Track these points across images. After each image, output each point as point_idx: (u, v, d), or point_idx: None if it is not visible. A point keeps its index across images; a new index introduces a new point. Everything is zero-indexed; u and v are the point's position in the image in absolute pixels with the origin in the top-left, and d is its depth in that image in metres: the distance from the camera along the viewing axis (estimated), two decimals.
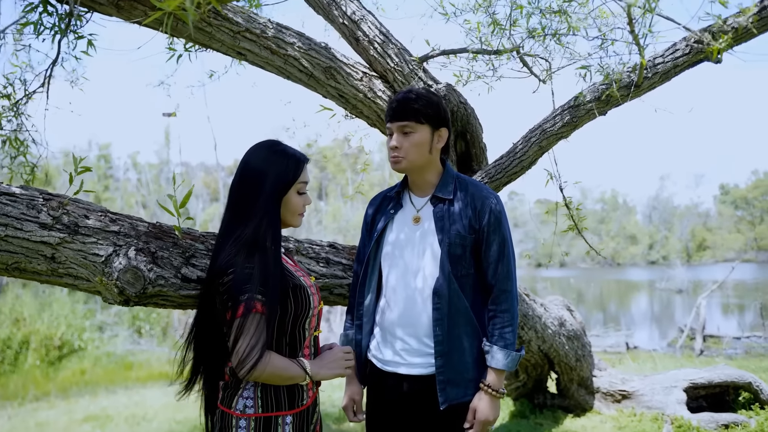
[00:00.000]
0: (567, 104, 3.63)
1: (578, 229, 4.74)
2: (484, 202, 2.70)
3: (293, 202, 2.49)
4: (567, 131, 3.65)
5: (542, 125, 3.74)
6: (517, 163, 3.83)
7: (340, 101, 4.47)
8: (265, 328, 2.20)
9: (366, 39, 4.42)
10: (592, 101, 3.49)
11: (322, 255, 3.66)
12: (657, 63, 3.43)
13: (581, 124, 3.59)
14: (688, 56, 3.37)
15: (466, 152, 4.72)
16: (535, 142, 3.74)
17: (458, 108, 4.39)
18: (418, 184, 2.79)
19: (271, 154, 2.51)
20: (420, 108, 2.68)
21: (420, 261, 2.70)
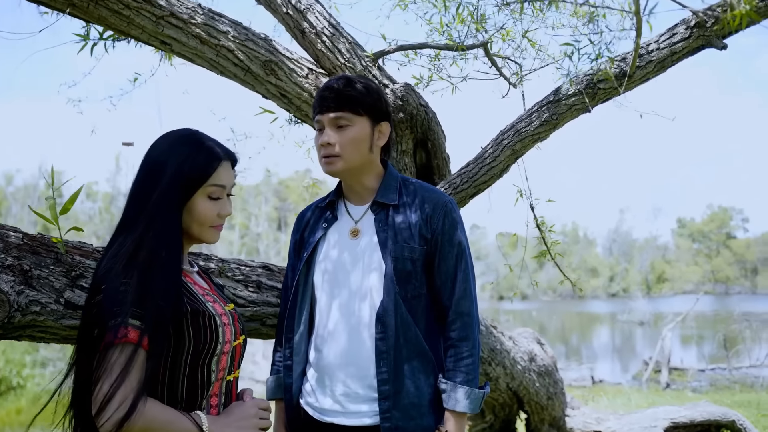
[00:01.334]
0: (546, 99, 3.09)
1: (551, 255, 4.21)
2: (436, 205, 2.30)
3: (201, 208, 1.94)
4: (545, 131, 3.10)
5: (516, 125, 3.19)
6: (487, 170, 3.27)
7: (282, 101, 3.89)
8: (144, 364, 1.68)
9: (313, 31, 3.86)
10: (575, 95, 2.95)
11: (253, 278, 3.04)
12: (651, 50, 2.91)
13: (562, 122, 3.06)
14: (687, 41, 2.86)
15: (427, 164, 4.16)
16: (507, 144, 3.18)
17: (418, 112, 3.83)
18: (355, 190, 2.39)
19: (179, 144, 1.95)
20: (357, 96, 2.28)
21: (360, 282, 2.28)
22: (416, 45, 3.86)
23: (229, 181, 2.03)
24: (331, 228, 2.40)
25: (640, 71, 2.91)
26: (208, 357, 1.86)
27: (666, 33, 2.95)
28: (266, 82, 3.79)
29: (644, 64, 2.90)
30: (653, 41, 2.95)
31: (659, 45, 2.90)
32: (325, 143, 2.28)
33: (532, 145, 3.18)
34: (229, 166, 2.05)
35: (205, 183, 1.94)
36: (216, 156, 1.99)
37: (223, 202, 2.03)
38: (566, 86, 3.02)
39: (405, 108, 3.80)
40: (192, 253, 2.92)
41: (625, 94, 3.76)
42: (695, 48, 2.89)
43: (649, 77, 2.97)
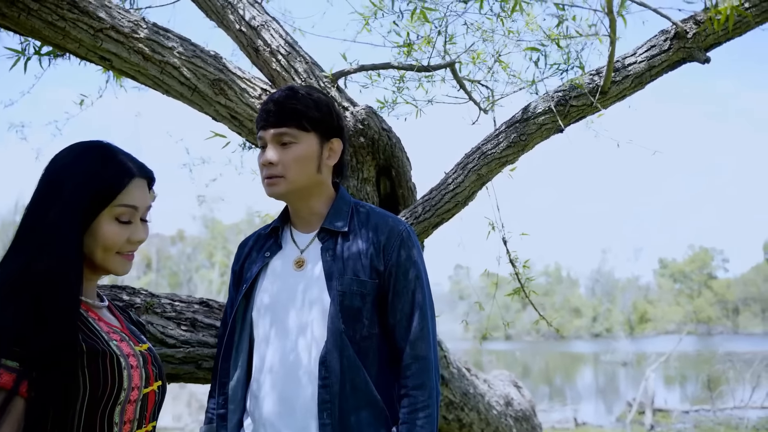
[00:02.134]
0: (513, 118, 2.82)
1: (525, 293, 3.91)
2: (391, 234, 2.06)
3: (106, 231, 1.66)
4: (513, 153, 2.82)
5: (481, 147, 2.91)
6: (451, 197, 2.97)
7: (233, 124, 3.60)
8: (21, 416, 1.41)
9: (267, 49, 3.59)
10: (546, 113, 2.68)
11: (187, 315, 2.71)
12: (628, 64, 2.65)
13: (532, 143, 2.78)
14: (667, 54, 2.61)
15: (392, 193, 3.87)
16: (472, 169, 2.89)
17: (380, 136, 3.56)
18: (302, 216, 2.15)
19: (85, 157, 1.68)
20: (303, 110, 2.05)
21: (302, 320, 2.03)
22: (378, 65, 3.60)
23: (142, 203, 1.73)
24: (274, 258, 2.15)
25: (616, 86, 2.64)
26: (110, 406, 1.56)
27: (644, 45, 2.70)
28: (215, 102, 3.50)
29: (620, 79, 2.64)
30: (630, 54, 2.69)
31: (636, 58, 2.65)
32: (266, 162, 2.04)
33: (500, 169, 2.90)
34: (144, 185, 1.76)
35: (111, 202, 1.65)
36: (127, 172, 1.70)
37: (135, 227, 1.73)
38: (535, 103, 2.75)
39: (366, 132, 3.52)
40: (116, 287, 2.60)
41: (601, 119, 3.51)
42: (676, 61, 2.63)
43: (626, 93, 2.70)
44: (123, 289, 2.60)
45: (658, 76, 2.67)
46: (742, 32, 2.53)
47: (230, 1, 3.63)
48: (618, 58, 2.66)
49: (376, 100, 3.89)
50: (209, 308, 2.81)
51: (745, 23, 2.48)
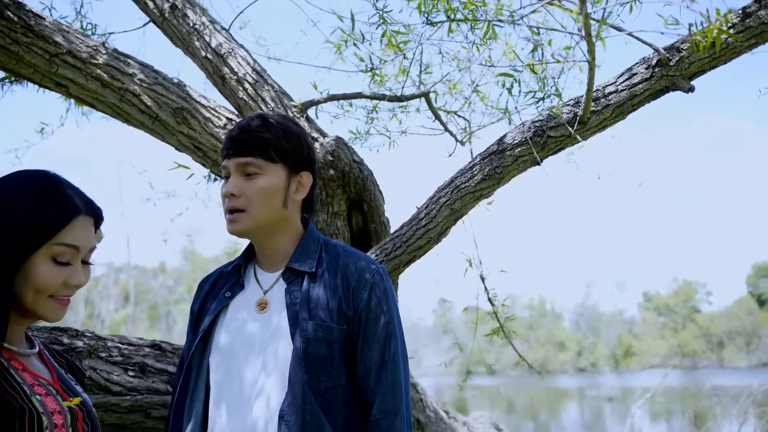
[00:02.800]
0: (488, 150, 2.67)
1: (504, 332, 3.73)
2: (362, 275, 1.89)
3: (40, 272, 1.48)
4: (488, 187, 2.66)
5: (455, 180, 2.74)
6: (423, 233, 2.80)
7: (197, 155, 3.43)
8: None
9: (234, 78, 3.44)
10: (522, 144, 2.52)
11: (136, 359, 2.50)
12: (608, 93, 2.51)
13: (508, 177, 2.62)
14: (649, 82, 2.47)
15: (364, 228, 3.70)
16: (445, 203, 2.73)
17: (351, 169, 3.40)
18: (266, 254, 1.97)
19: (27, 188, 1.50)
20: (272, 139, 1.88)
21: (262, 368, 1.84)
22: (349, 95, 3.46)
23: (85, 243, 1.55)
24: (236, 298, 1.96)
25: (596, 117, 2.50)
26: None
27: (624, 73, 2.56)
28: (177, 132, 3.33)
29: (600, 109, 2.49)
30: (610, 83, 2.55)
31: (617, 86, 2.51)
32: (228, 194, 1.87)
33: (474, 204, 2.74)
34: (89, 224, 1.58)
35: (50, 240, 1.47)
36: (72, 208, 1.52)
37: (74, 269, 1.54)
38: (511, 134, 2.60)
39: (336, 164, 3.36)
40: (56, 329, 2.39)
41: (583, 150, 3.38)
42: (658, 90, 2.49)
43: (606, 124, 2.56)
44: (64, 332, 2.39)
45: (640, 106, 2.53)
46: (728, 59, 2.41)
47: (196, 28, 3.49)
48: (598, 86, 2.53)
49: (348, 131, 3.73)
50: (161, 351, 2.61)
51: (731, 49, 2.36)
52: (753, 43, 2.31)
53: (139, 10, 3.65)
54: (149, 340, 2.63)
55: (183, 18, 3.51)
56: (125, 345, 2.51)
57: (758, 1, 2.36)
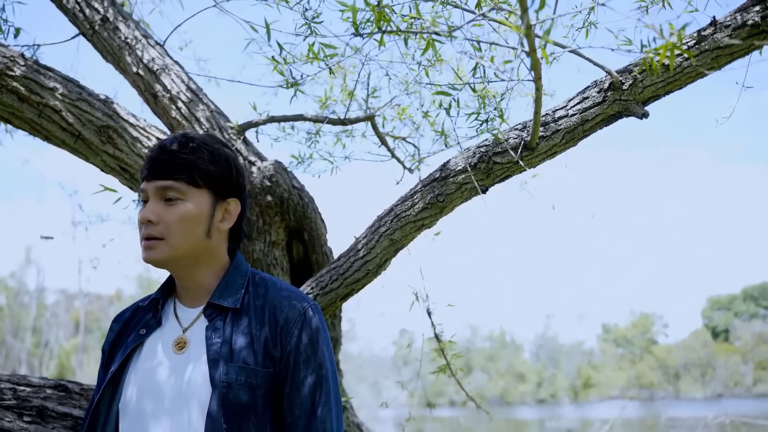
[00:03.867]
0: (430, 176, 2.48)
1: (451, 371, 3.53)
2: (291, 313, 1.70)
3: None
4: (430, 216, 2.46)
5: (394, 209, 2.54)
6: (361, 265, 2.59)
7: (123, 177, 3.18)
8: None
9: (167, 96, 3.21)
10: (466, 170, 2.33)
11: (35, 402, 2.23)
12: (558, 117, 2.34)
13: (451, 205, 2.43)
14: (601, 107, 2.30)
15: (305, 259, 3.48)
16: (384, 233, 2.52)
17: (290, 195, 3.19)
18: (187, 287, 1.78)
19: None
20: (197, 162, 1.70)
21: (178, 417, 1.64)
22: (290, 117, 3.26)
23: None
24: (152, 336, 1.75)
25: (545, 142, 2.32)
26: None
27: (575, 97, 2.40)
28: (102, 152, 3.09)
29: (550, 134, 2.32)
30: (560, 107, 2.38)
31: (568, 111, 2.34)
32: (144, 220, 1.67)
33: (415, 234, 2.54)
34: None
35: None
36: None
37: None
38: (455, 160, 2.42)
39: (274, 190, 3.15)
40: None
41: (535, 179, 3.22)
42: (611, 115, 2.34)
43: (556, 151, 2.38)
44: None
45: (592, 132, 2.37)
46: (683, 84, 2.27)
47: (128, 42, 3.27)
48: (548, 111, 2.36)
49: (291, 156, 3.52)
50: (66, 392, 2.33)
51: (686, 74, 2.23)
52: (708, 68, 2.18)
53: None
54: (53, 380, 2.35)
55: (114, 31, 3.28)
56: (22, 386, 2.24)
57: (714, 24, 2.24)
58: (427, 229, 2.56)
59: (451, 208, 2.47)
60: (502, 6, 1.67)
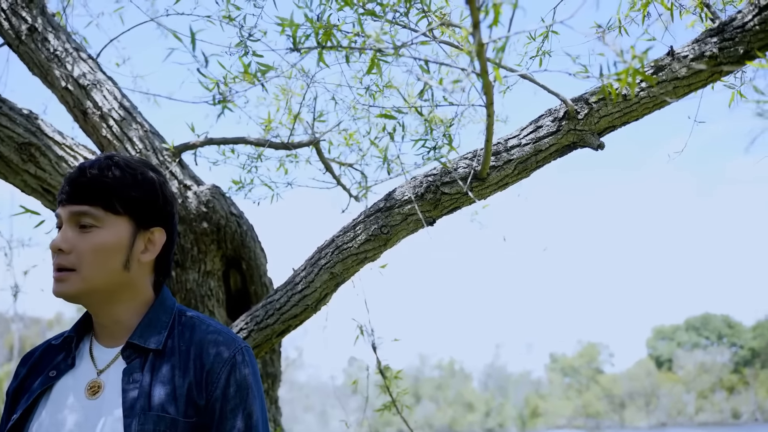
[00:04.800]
0: (375, 206, 2.32)
1: (397, 409, 3.36)
2: (219, 356, 1.52)
3: None
4: (374, 249, 2.30)
5: (336, 240, 2.37)
6: (299, 299, 2.40)
7: (46, 199, 2.95)
8: None
9: (97, 113, 3.00)
10: (412, 201, 2.19)
11: None
12: (511, 147, 2.21)
13: (396, 238, 2.27)
14: (555, 137, 2.19)
15: (243, 290, 3.28)
16: (325, 267, 2.35)
17: (227, 222, 3.00)
18: (104, 324, 1.58)
19: None
20: (117, 186, 1.53)
21: None
22: (230, 140, 3.08)
23: None
24: (62, 379, 1.55)
25: (497, 173, 2.19)
26: None
27: (529, 126, 2.27)
28: (23, 171, 2.85)
29: (502, 164, 2.19)
30: (513, 135, 2.25)
31: (521, 140, 2.21)
32: (55, 248, 1.49)
33: (358, 268, 2.37)
34: None
35: None
36: None
37: None
38: (402, 189, 2.27)
39: (210, 217, 2.95)
40: None
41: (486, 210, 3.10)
42: (566, 146, 2.22)
43: (508, 182, 2.25)
44: None
45: (546, 162, 2.25)
46: (639, 115, 2.18)
47: (57, 54, 3.05)
48: (500, 139, 2.24)
49: (232, 181, 3.33)
50: None
51: (643, 104, 2.14)
52: (665, 99, 2.09)
53: None
54: None
55: (42, 42, 3.07)
56: None
57: (671, 54, 2.16)
58: (370, 262, 2.39)
59: (396, 241, 2.32)
60: (451, 23, 1.55)
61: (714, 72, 2.14)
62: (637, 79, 1.61)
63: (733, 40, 2.17)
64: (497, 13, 1.14)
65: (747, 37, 2.17)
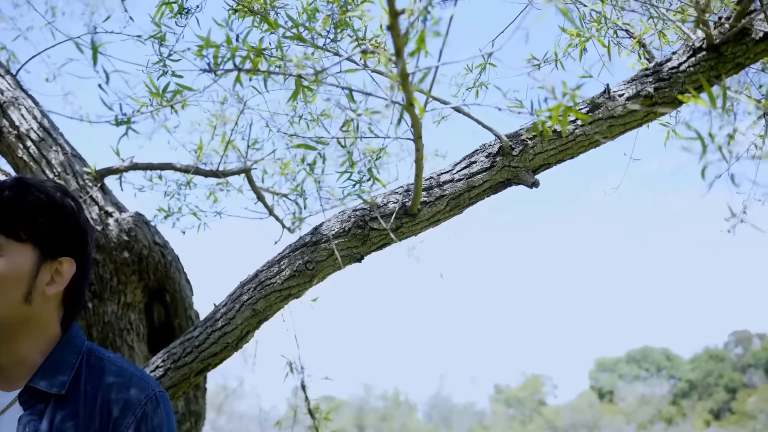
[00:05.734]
0: (301, 241, 2.21)
1: None
2: (129, 402, 1.38)
3: None
4: (299, 286, 2.18)
5: (259, 275, 2.25)
6: (219, 337, 2.26)
7: None
8: None
9: (14, 132, 2.83)
10: (341, 235, 2.08)
11: None
12: (443, 182, 2.12)
13: (322, 274, 2.16)
14: (489, 173, 2.12)
15: (167, 323, 3.12)
16: (246, 303, 2.21)
17: (150, 252, 2.84)
18: (2, 364, 1.42)
19: None
20: (20, 211, 1.39)
21: None
22: (156, 165, 2.93)
23: None
24: None
25: (428, 209, 2.11)
26: None
27: (462, 161, 2.20)
28: None
29: (433, 200, 2.11)
30: (446, 170, 2.18)
31: (453, 176, 2.14)
32: None
33: (282, 305, 2.25)
34: None
35: None
36: None
37: None
38: (329, 224, 2.17)
39: (132, 246, 2.79)
40: None
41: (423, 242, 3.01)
42: (500, 182, 2.16)
43: (440, 218, 2.16)
44: None
45: (479, 199, 2.18)
46: (575, 153, 2.14)
47: None
48: (432, 174, 2.17)
49: (158, 208, 3.17)
50: None
51: (578, 142, 2.10)
52: (602, 137, 2.06)
53: None
54: None
55: None
56: None
57: (607, 92, 2.13)
58: (294, 299, 2.27)
59: (323, 277, 2.21)
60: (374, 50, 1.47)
61: (649, 112, 2.12)
62: (569, 117, 1.56)
63: (668, 81, 2.16)
64: (421, 43, 1.06)
65: (681, 78, 2.16)
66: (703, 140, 1.25)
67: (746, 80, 2.74)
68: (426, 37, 1.17)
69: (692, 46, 2.19)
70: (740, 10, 2.04)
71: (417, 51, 1.09)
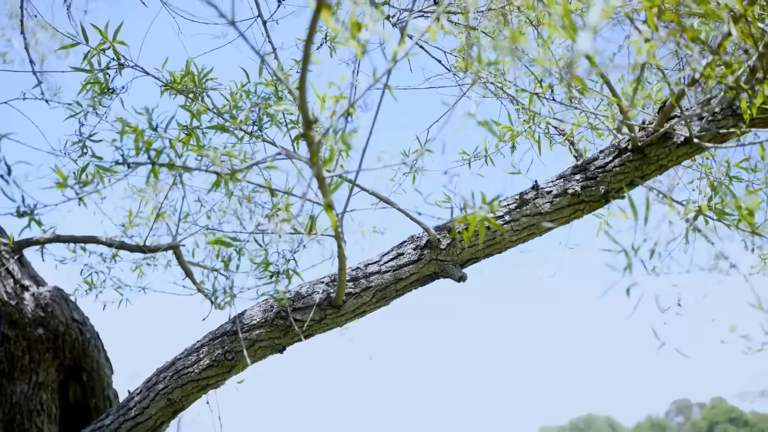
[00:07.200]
0: (221, 329, 2.13)
1: None
2: None
3: None
4: (217, 376, 2.09)
5: (176, 363, 2.16)
6: (131, 426, 2.14)
7: None
8: None
9: None
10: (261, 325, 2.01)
11: None
12: (370, 273, 2.09)
13: (242, 365, 2.08)
14: (416, 265, 2.09)
15: (83, 403, 2.95)
16: (162, 392, 2.12)
17: (67, 329, 2.71)
18: None
19: None
20: None
21: None
22: (79, 238, 2.82)
23: None
24: None
25: (354, 300, 2.07)
26: None
27: (390, 251, 2.18)
28: None
29: (359, 291, 2.08)
30: (373, 261, 2.16)
31: (380, 266, 2.11)
32: None
33: (198, 395, 2.15)
34: None
35: None
36: None
37: None
38: (251, 312, 2.11)
39: (48, 322, 2.66)
40: None
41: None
42: (427, 275, 2.15)
43: (366, 310, 2.13)
44: None
45: (407, 291, 2.16)
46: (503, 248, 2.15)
47: None
48: (359, 264, 2.14)
49: (84, 281, 3.04)
50: None
51: (501, 241, 2.11)
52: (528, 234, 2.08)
53: None
54: None
55: None
56: None
57: (535, 188, 2.15)
58: (213, 389, 2.17)
59: (243, 368, 2.12)
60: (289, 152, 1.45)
61: (576, 210, 2.14)
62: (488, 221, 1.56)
63: (595, 180, 2.19)
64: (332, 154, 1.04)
65: (608, 177, 2.20)
66: (628, 253, 1.25)
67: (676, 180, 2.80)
68: (345, 140, 1.15)
69: (618, 146, 2.24)
70: (662, 115, 2.11)
71: (330, 161, 1.07)
